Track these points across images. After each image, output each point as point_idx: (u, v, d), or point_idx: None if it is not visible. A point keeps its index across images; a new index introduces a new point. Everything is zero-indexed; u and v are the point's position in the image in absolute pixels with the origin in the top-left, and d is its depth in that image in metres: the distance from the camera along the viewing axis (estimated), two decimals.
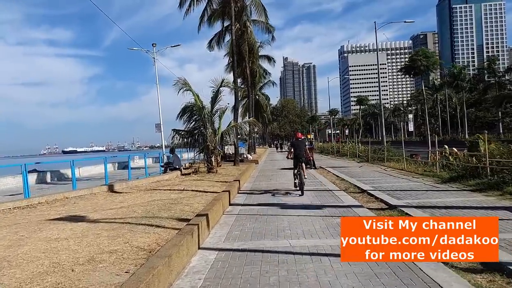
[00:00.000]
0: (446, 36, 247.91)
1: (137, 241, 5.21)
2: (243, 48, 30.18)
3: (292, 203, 9.56)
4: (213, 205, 7.60)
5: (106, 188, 10.99)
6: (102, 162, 32.77)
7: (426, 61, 17.61)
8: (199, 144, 15.93)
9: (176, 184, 11.99)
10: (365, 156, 26.14)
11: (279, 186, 13.45)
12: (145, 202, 8.37)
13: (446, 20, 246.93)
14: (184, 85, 15.94)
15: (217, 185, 11.70)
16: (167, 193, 9.94)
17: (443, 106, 67.85)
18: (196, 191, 10.28)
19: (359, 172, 17.72)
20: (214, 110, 16.20)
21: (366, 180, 13.94)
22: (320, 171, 19.31)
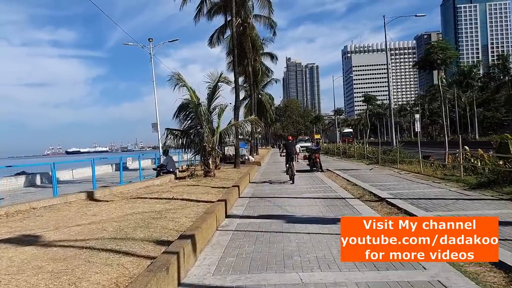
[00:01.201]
0: (450, 36, 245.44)
1: (90, 280, 3.73)
2: (246, 44, 28.69)
3: (301, 214, 8.06)
4: (203, 221, 6.11)
5: (85, 195, 9.52)
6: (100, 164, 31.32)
7: (443, 54, 16.15)
8: (195, 144, 14.43)
9: (166, 190, 10.50)
10: (374, 157, 24.57)
11: (284, 192, 11.95)
12: (121, 216, 6.88)
13: (450, 20, 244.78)
14: (178, 80, 14.47)
15: (213, 192, 10.21)
16: (152, 202, 8.45)
17: (451, 105, 65.96)
18: (187, 200, 8.78)
19: (371, 175, 16.18)
20: (212, 108, 14.70)
21: (381, 186, 12.41)
22: (328, 174, 17.78)
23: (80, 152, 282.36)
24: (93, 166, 14.89)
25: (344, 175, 16.41)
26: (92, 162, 14.95)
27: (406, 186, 12.11)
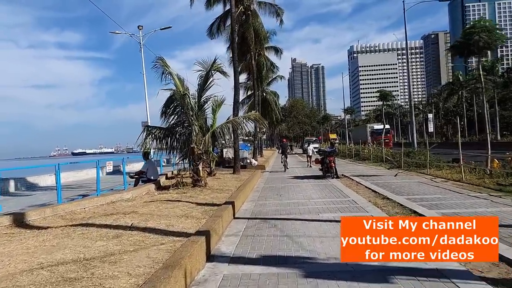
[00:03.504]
0: (458, 35, 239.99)
1: None
2: (248, 34, 25.69)
3: (324, 256, 5.08)
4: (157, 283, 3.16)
5: (10, 219, 6.59)
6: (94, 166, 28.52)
7: (488, 36, 13.20)
8: (181, 146, 11.47)
9: (131, 210, 7.52)
10: (395, 161, 21.47)
11: (294, 208, 8.97)
12: (10, 276, 3.92)
13: (458, 19, 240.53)
14: (164, 67, 11.54)
15: (196, 213, 7.24)
16: (96, 236, 5.50)
17: (468, 104, 62.25)
18: (152, 230, 5.81)
19: (400, 184, 13.13)
20: (203, 100, 11.70)
21: (422, 200, 9.39)
22: (345, 181, 14.75)
23: (86, 154, 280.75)
24: (58, 174, 11.95)
25: (367, 183, 13.38)
26: (56, 168, 12.00)
27: (459, 202, 9.06)
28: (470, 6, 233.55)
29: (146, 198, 9.55)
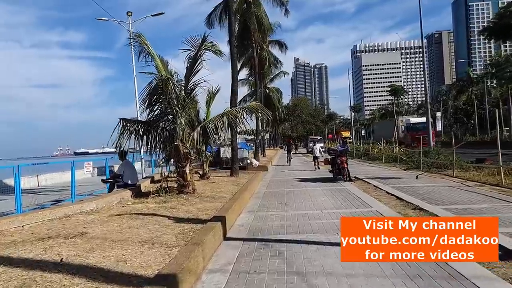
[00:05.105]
0: (462, 34, 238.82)
1: None
2: (250, 23, 23.64)
3: None
4: None
5: None
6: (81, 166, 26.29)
7: None
8: (164, 143, 9.40)
9: (76, 233, 5.38)
10: (412, 161, 19.34)
11: (305, 223, 6.88)
12: None
13: (462, 18, 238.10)
14: (142, 45, 9.47)
15: (169, 236, 5.18)
16: (3, 280, 3.44)
17: (479, 102, 59.75)
18: (86, 272, 3.74)
19: (427, 189, 11.01)
20: (191, 87, 9.59)
21: (465, 211, 7.30)
22: (361, 185, 12.64)
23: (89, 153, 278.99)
24: (18, 177, 9.92)
25: (387, 188, 11.28)
26: (15, 170, 9.97)
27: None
28: (473, 5, 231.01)
29: (114, 209, 7.47)
